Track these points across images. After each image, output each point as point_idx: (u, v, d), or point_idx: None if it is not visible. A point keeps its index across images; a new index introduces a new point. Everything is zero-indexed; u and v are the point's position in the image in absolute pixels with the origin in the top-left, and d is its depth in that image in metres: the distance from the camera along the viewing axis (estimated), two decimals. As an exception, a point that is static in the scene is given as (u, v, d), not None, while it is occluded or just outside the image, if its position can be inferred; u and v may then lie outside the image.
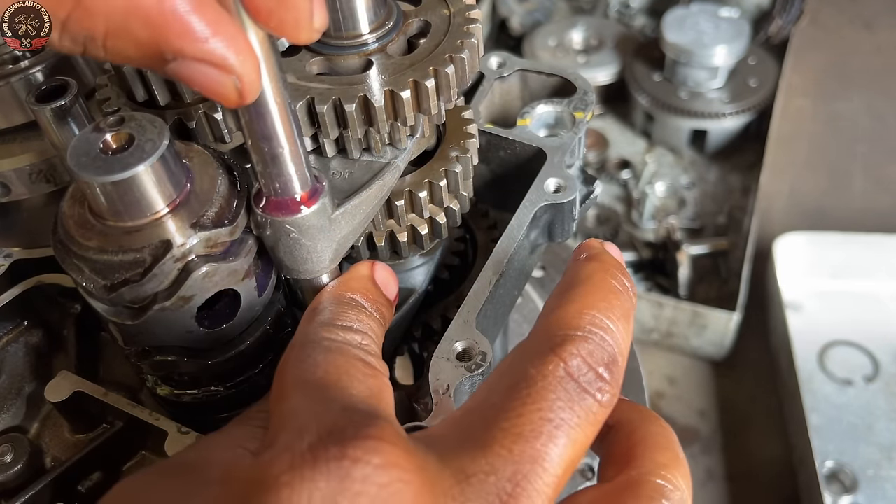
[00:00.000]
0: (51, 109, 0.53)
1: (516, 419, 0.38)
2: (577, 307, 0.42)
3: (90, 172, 0.42)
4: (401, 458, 0.35)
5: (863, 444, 1.21)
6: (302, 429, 0.36)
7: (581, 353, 0.40)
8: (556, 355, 0.39)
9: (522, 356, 0.41)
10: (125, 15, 0.34)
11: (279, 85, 0.41)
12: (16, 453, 0.60)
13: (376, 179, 0.53)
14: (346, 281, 0.51)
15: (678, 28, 1.59)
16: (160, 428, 0.54)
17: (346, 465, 0.34)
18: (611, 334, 0.41)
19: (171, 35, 0.34)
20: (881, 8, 2.02)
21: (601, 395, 0.40)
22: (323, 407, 0.39)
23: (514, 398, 0.39)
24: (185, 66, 0.35)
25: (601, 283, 0.44)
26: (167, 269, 0.45)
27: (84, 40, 0.35)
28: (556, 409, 0.38)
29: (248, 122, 0.42)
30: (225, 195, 0.47)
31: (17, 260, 0.67)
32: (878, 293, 1.40)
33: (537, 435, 0.37)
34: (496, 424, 0.38)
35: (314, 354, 0.43)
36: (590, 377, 0.39)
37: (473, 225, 0.71)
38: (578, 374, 0.39)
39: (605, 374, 0.40)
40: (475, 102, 0.71)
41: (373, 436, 0.35)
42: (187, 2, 0.34)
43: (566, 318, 0.41)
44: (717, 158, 1.67)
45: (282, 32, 0.37)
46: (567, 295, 0.43)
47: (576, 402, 0.39)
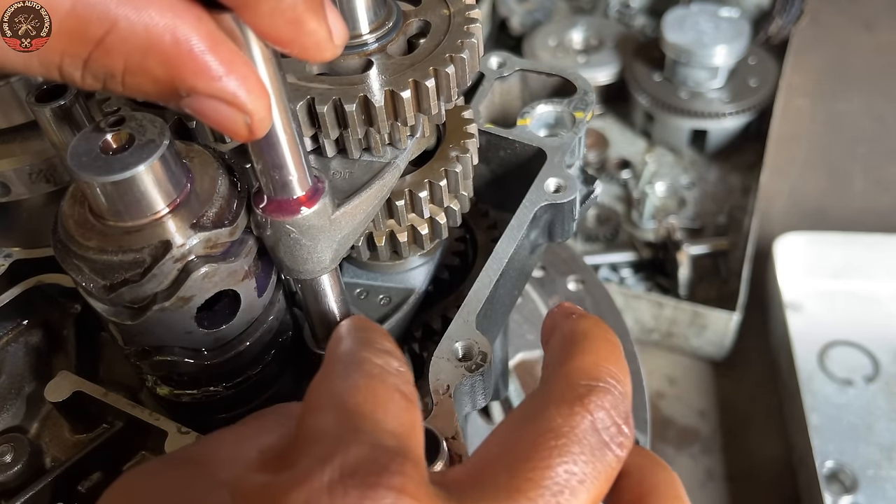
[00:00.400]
0: (51, 109, 0.53)
1: (543, 471, 0.38)
2: (593, 359, 0.43)
3: (90, 172, 0.42)
4: (424, 501, 0.35)
5: (863, 444, 1.21)
6: (326, 458, 0.36)
7: (605, 406, 0.40)
8: (583, 407, 0.40)
9: (545, 405, 0.41)
10: (143, 53, 0.35)
11: (280, 93, 0.41)
12: (16, 453, 0.60)
13: (376, 179, 0.53)
14: (362, 317, 0.52)
15: (678, 28, 1.59)
16: (160, 428, 0.54)
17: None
18: (625, 387, 0.42)
19: (187, 73, 0.36)
20: (881, 8, 2.02)
21: (620, 450, 0.40)
22: (353, 437, 0.38)
23: (540, 448, 0.39)
24: (199, 102, 0.37)
25: (602, 338, 0.45)
26: (167, 269, 0.45)
27: (104, 77, 0.36)
28: (580, 464, 0.39)
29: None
30: (225, 195, 0.47)
31: (17, 260, 0.67)
32: (878, 293, 1.40)
33: (562, 488, 0.38)
34: (522, 475, 0.38)
35: (355, 376, 0.43)
36: (612, 431, 0.40)
37: (473, 225, 0.71)
38: (602, 428, 0.40)
39: (625, 428, 0.41)
40: (475, 102, 0.71)
41: (395, 485, 0.35)
42: (202, 41, 0.35)
43: (586, 370, 0.42)
44: (718, 158, 1.67)
45: (305, 57, 0.38)
46: (575, 348, 0.44)
47: (598, 458, 0.39)
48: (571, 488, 0.38)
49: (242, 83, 0.37)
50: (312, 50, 0.38)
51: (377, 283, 0.66)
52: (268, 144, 0.43)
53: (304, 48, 0.38)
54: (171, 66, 0.35)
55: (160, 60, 0.35)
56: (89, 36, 0.35)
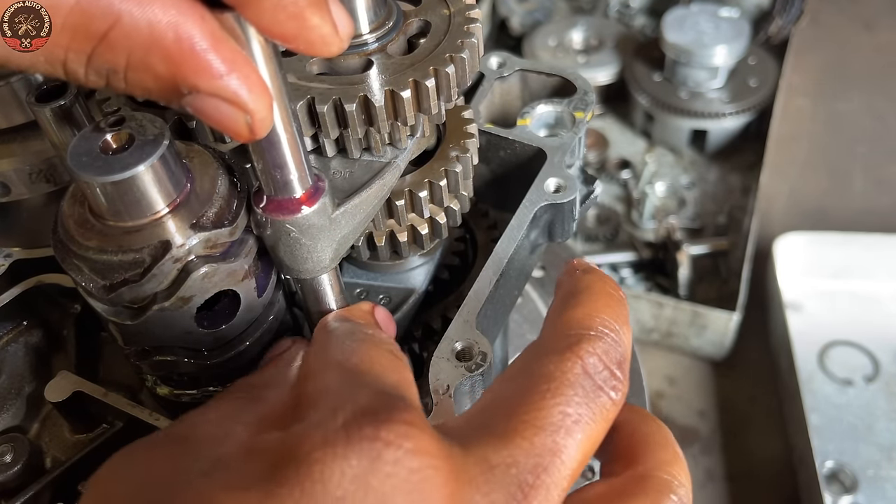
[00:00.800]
0: (51, 109, 0.53)
1: (536, 412, 0.39)
2: (587, 310, 0.44)
3: (90, 172, 0.42)
4: (431, 444, 0.36)
5: (863, 445, 1.21)
6: (336, 407, 0.37)
7: (597, 352, 0.42)
8: (574, 353, 0.41)
9: (538, 355, 0.43)
10: (146, 50, 0.35)
11: (281, 92, 0.41)
12: (15, 453, 0.60)
13: (376, 179, 0.53)
14: (350, 309, 0.53)
15: (678, 28, 1.59)
16: (160, 428, 0.54)
17: (378, 446, 0.35)
18: (619, 336, 0.43)
19: (188, 71, 0.36)
20: (881, 8, 2.02)
21: (614, 393, 0.41)
22: (357, 389, 0.40)
23: (534, 393, 0.40)
24: (200, 100, 0.37)
25: (602, 291, 0.46)
26: (166, 269, 0.45)
27: (107, 73, 0.36)
28: (573, 405, 0.40)
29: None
30: (225, 196, 0.47)
31: (17, 260, 0.67)
32: (878, 293, 1.40)
33: (557, 429, 0.39)
34: (517, 417, 0.39)
35: (349, 342, 0.45)
36: (605, 375, 0.41)
37: (473, 225, 0.71)
38: (594, 372, 0.41)
39: (618, 372, 0.42)
40: (475, 102, 0.71)
41: (406, 421, 0.36)
42: (205, 39, 0.35)
43: (578, 320, 0.44)
44: (718, 158, 1.67)
45: (312, 52, 0.38)
46: (573, 300, 0.45)
47: (591, 400, 0.41)
48: (566, 428, 0.39)
49: (244, 82, 0.37)
50: (318, 44, 0.38)
51: (377, 283, 0.66)
52: (268, 144, 0.43)
53: (310, 43, 0.38)
54: (174, 64, 0.35)
55: (162, 57, 0.35)
56: (93, 31, 0.35)
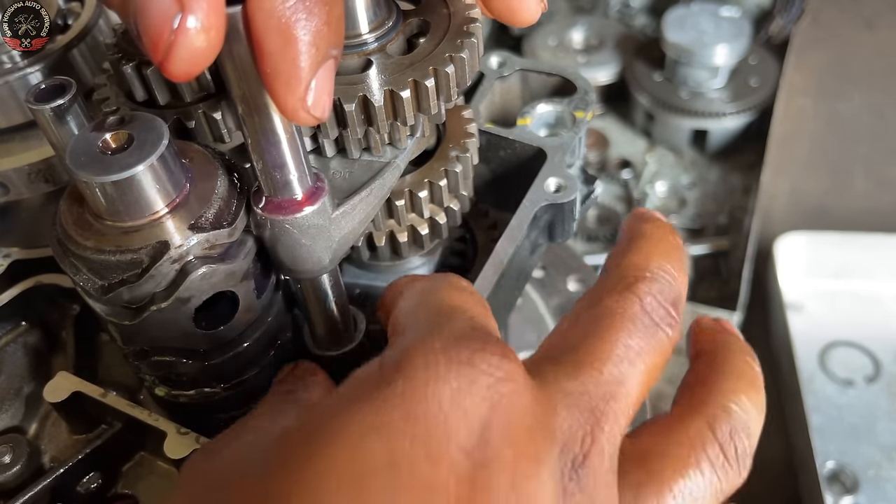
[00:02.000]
0: (50, 109, 0.53)
1: (602, 345, 0.43)
2: (645, 254, 0.47)
3: (89, 172, 0.42)
4: (518, 375, 0.38)
5: (864, 445, 1.20)
6: (434, 331, 0.39)
7: (653, 292, 0.45)
8: (633, 293, 0.45)
9: (600, 295, 0.46)
10: None
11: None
12: (15, 454, 0.60)
13: (376, 179, 0.53)
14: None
15: (679, 27, 1.59)
16: (159, 429, 0.54)
17: (474, 371, 0.36)
18: (674, 278, 0.47)
19: None
20: (883, 7, 2.02)
21: (670, 329, 0.45)
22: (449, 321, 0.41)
23: (598, 327, 0.43)
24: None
25: (659, 237, 0.49)
26: (164, 270, 0.44)
27: None
28: (635, 338, 0.43)
29: (248, 122, 0.42)
30: (224, 196, 0.47)
31: (16, 260, 0.67)
32: (879, 293, 1.40)
33: (620, 360, 0.42)
34: (584, 350, 0.43)
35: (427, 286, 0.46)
36: (661, 313, 0.45)
37: (473, 225, 0.71)
38: (651, 310, 0.44)
39: (672, 311, 0.45)
40: (475, 102, 0.71)
41: (497, 352, 0.38)
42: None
43: (637, 263, 0.47)
44: (718, 158, 1.67)
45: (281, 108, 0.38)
46: (632, 246, 0.49)
47: (650, 335, 0.44)
48: (629, 359, 0.42)
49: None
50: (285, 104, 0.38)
51: (377, 284, 0.66)
52: (269, 144, 0.43)
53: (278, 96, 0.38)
54: None
55: None
56: None
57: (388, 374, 0.36)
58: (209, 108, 0.53)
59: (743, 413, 0.45)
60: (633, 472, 0.42)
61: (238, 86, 0.40)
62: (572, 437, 0.39)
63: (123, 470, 0.60)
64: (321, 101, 0.38)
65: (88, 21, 0.66)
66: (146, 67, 0.52)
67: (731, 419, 0.44)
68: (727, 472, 0.44)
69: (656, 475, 0.42)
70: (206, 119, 0.53)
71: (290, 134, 0.43)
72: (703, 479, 0.43)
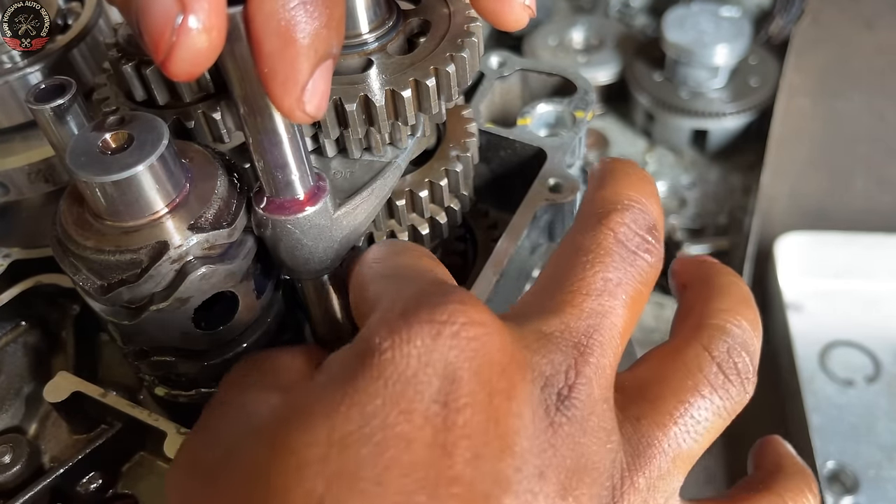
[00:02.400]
0: (50, 109, 0.53)
1: (580, 282, 0.42)
2: (613, 189, 0.47)
3: (89, 172, 0.42)
4: (483, 316, 0.38)
5: (864, 445, 1.20)
6: (393, 301, 0.39)
7: (626, 221, 0.45)
8: (605, 226, 0.44)
9: (572, 236, 0.46)
10: None
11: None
12: (14, 454, 0.60)
13: (378, 179, 0.53)
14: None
15: (679, 27, 1.59)
16: (159, 429, 0.54)
17: (435, 326, 0.36)
18: (646, 206, 0.46)
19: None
20: (883, 7, 2.02)
21: (648, 255, 0.45)
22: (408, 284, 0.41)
23: (574, 266, 0.43)
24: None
25: (625, 171, 0.49)
26: (164, 270, 0.44)
27: None
28: (612, 270, 0.43)
29: (250, 122, 0.42)
30: (224, 196, 0.47)
31: (15, 260, 0.67)
32: (879, 293, 1.40)
33: (601, 292, 0.42)
34: (564, 289, 0.43)
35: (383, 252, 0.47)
36: (637, 241, 0.44)
37: (473, 225, 0.71)
38: (626, 240, 0.44)
39: (649, 237, 0.45)
40: (475, 102, 0.71)
41: (456, 300, 0.38)
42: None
43: (606, 197, 0.47)
44: (718, 158, 1.67)
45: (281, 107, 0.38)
46: (600, 182, 0.48)
47: (629, 264, 0.44)
48: (609, 291, 0.42)
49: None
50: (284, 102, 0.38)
51: (377, 284, 0.66)
52: (270, 144, 0.43)
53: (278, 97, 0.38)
54: None
55: None
56: None
57: (360, 354, 0.37)
58: (209, 109, 0.53)
59: (739, 330, 0.44)
60: (631, 404, 0.42)
61: (240, 86, 0.40)
62: (555, 372, 0.39)
63: (123, 470, 0.60)
64: (317, 101, 0.38)
65: (88, 21, 0.66)
66: (146, 67, 0.52)
67: (727, 338, 0.44)
68: (729, 390, 0.43)
69: (656, 404, 0.42)
70: (205, 119, 0.53)
71: (292, 134, 0.43)
72: (705, 402, 0.42)
